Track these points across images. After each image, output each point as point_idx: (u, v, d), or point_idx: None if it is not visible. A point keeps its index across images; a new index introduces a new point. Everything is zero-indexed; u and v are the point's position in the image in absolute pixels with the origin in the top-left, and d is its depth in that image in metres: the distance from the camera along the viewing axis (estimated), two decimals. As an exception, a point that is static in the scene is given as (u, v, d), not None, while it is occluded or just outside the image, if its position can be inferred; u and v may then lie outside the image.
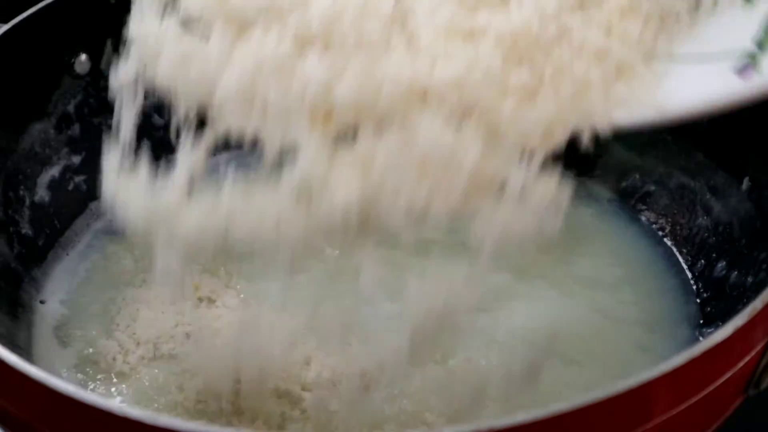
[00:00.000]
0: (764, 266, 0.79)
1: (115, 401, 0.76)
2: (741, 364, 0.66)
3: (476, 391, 0.75)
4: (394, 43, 0.64)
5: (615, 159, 0.96)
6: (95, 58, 0.93)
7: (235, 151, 0.82)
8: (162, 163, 0.97)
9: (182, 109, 0.65)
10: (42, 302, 0.86)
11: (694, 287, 0.86)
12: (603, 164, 0.96)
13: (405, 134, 0.62)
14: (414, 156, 0.62)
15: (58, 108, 0.92)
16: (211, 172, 0.67)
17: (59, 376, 0.78)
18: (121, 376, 0.79)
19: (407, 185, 0.62)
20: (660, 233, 0.92)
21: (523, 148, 0.63)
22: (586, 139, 0.64)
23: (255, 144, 0.64)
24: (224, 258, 0.86)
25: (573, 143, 0.64)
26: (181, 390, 0.77)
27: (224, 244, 0.64)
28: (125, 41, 0.67)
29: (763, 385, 0.70)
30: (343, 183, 0.61)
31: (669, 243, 0.91)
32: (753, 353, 0.67)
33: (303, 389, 0.76)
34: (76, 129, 0.94)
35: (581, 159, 0.92)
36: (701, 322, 0.84)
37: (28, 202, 0.89)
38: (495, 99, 0.63)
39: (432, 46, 0.64)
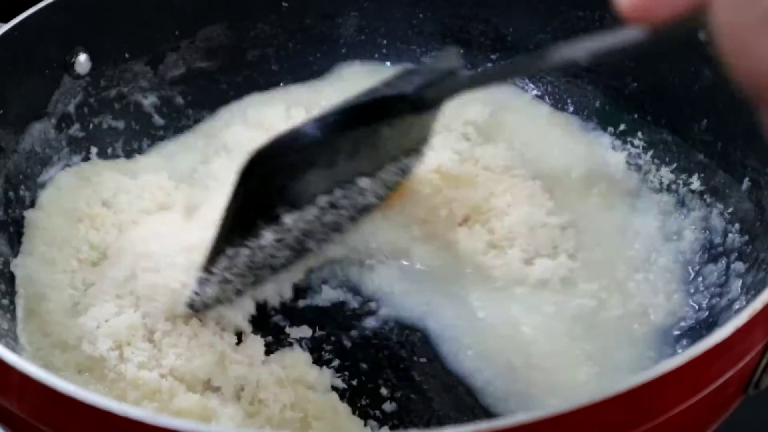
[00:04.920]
0: (764, 266, 0.79)
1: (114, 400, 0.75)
2: (741, 364, 0.66)
3: None
4: None
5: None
6: (95, 58, 0.93)
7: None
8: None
9: None
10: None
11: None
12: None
13: None
14: None
15: (58, 108, 0.92)
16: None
17: (59, 375, 0.78)
18: (120, 374, 0.79)
19: None
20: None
21: None
22: None
23: None
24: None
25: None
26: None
27: None
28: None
29: (763, 385, 0.70)
30: None
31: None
32: (753, 353, 0.67)
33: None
34: (76, 129, 0.94)
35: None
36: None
37: (28, 202, 0.89)
38: None
39: None
